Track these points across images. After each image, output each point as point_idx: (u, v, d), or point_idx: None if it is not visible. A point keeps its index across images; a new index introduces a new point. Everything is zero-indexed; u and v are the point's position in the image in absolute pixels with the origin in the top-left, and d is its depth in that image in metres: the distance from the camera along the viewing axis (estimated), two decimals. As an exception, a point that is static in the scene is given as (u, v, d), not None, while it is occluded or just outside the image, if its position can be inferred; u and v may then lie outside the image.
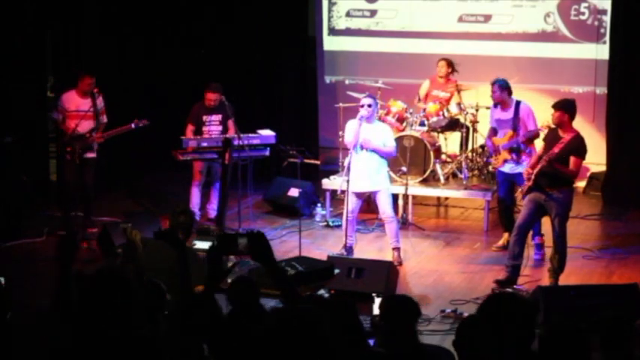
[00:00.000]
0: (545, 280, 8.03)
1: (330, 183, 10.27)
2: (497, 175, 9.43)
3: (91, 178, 9.50)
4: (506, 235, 9.17)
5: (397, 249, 8.77)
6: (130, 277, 3.98)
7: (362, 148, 8.60)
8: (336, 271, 7.39)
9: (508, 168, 9.12)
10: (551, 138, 7.89)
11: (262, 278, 6.63)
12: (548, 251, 8.32)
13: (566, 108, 7.80)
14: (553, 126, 7.96)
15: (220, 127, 9.76)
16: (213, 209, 9.92)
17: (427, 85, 10.99)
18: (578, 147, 7.77)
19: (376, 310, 6.31)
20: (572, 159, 7.74)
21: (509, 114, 9.07)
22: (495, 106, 9.24)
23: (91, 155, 9.47)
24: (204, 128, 9.75)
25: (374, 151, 8.63)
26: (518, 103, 9.08)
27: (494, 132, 9.27)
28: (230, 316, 4.82)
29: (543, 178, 7.78)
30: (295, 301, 3.90)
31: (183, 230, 6.12)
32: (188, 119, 9.82)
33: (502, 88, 9.10)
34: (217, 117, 9.77)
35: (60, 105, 9.42)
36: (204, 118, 9.76)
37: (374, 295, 6.34)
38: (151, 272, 5.63)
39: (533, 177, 7.79)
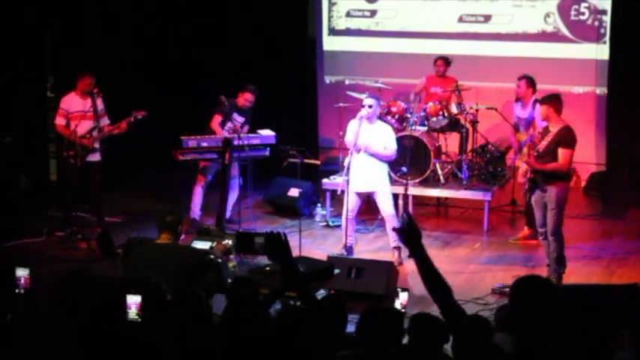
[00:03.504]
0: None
1: (330, 183, 10.27)
2: None
3: (98, 181, 9.52)
4: (526, 229, 9.40)
5: (398, 248, 8.77)
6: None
7: (358, 151, 8.60)
8: (336, 271, 7.38)
9: None
10: (544, 135, 7.94)
11: (262, 278, 6.64)
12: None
13: (549, 102, 7.84)
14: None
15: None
16: (227, 210, 9.80)
17: (423, 82, 11.12)
18: (564, 138, 7.74)
19: (398, 306, 6.30)
20: (560, 151, 7.72)
21: (526, 113, 9.18)
22: (517, 101, 9.34)
23: (95, 158, 9.48)
24: (229, 124, 9.66)
25: (374, 155, 8.63)
26: (535, 101, 9.13)
27: (516, 128, 9.36)
28: (227, 315, 4.81)
29: (538, 174, 7.83)
30: (310, 302, 3.90)
31: (170, 231, 6.07)
32: (217, 110, 9.61)
33: (529, 84, 9.22)
34: (242, 119, 9.72)
35: (62, 108, 9.42)
36: (235, 115, 9.61)
37: (398, 289, 6.33)
38: (152, 274, 5.64)
39: (527, 177, 7.88)
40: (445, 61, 10.98)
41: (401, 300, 6.34)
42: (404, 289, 6.37)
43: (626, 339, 4.19)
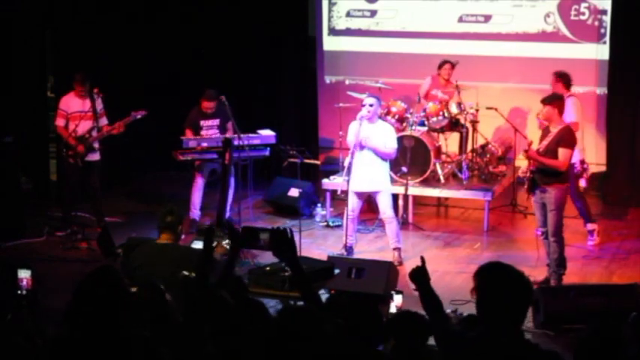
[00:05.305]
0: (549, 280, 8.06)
1: (330, 183, 10.27)
2: None
3: (97, 181, 9.53)
4: None
5: (397, 249, 8.78)
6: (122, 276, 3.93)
7: (361, 147, 8.60)
8: (336, 271, 7.38)
9: None
10: (544, 135, 7.95)
11: (262, 278, 6.65)
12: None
13: (555, 102, 7.84)
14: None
15: (218, 132, 9.71)
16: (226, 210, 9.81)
17: (429, 82, 11.02)
18: (565, 138, 7.77)
19: (393, 309, 6.31)
20: (560, 150, 7.75)
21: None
22: None
23: (95, 158, 9.49)
24: (202, 132, 9.70)
25: (373, 150, 8.62)
26: (569, 96, 9.12)
27: None
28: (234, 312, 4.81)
29: (537, 174, 7.84)
30: (313, 301, 3.89)
31: (170, 231, 6.07)
32: (185, 124, 9.77)
33: (557, 79, 9.24)
34: (215, 121, 9.73)
35: (61, 109, 9.44)
36: (202, 123, 9.72)
37: (393, 292, 6.34)
38: (151, 273, 5.64)
39: (527, 176, 7.89)
40: (452, 66, 10.90)
41: (396, 303, 6.34)
42: (398, 292, 6.37)
43: (627, 339, 4.19)
